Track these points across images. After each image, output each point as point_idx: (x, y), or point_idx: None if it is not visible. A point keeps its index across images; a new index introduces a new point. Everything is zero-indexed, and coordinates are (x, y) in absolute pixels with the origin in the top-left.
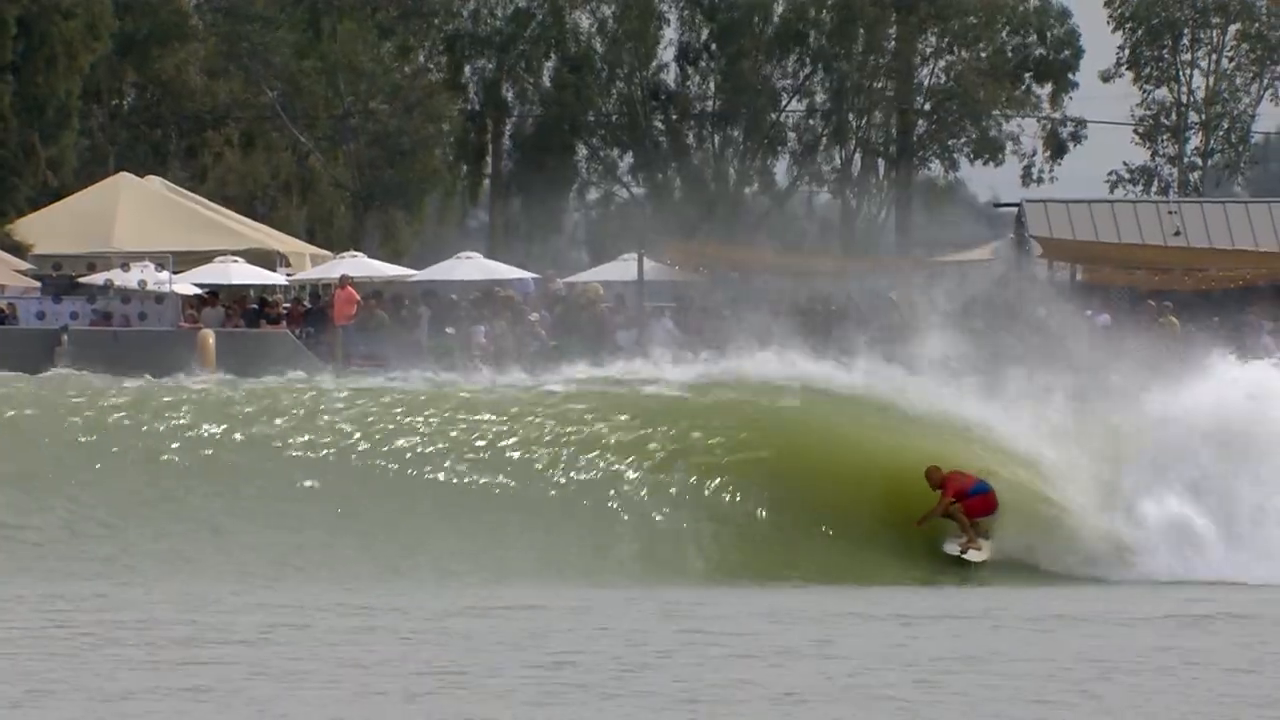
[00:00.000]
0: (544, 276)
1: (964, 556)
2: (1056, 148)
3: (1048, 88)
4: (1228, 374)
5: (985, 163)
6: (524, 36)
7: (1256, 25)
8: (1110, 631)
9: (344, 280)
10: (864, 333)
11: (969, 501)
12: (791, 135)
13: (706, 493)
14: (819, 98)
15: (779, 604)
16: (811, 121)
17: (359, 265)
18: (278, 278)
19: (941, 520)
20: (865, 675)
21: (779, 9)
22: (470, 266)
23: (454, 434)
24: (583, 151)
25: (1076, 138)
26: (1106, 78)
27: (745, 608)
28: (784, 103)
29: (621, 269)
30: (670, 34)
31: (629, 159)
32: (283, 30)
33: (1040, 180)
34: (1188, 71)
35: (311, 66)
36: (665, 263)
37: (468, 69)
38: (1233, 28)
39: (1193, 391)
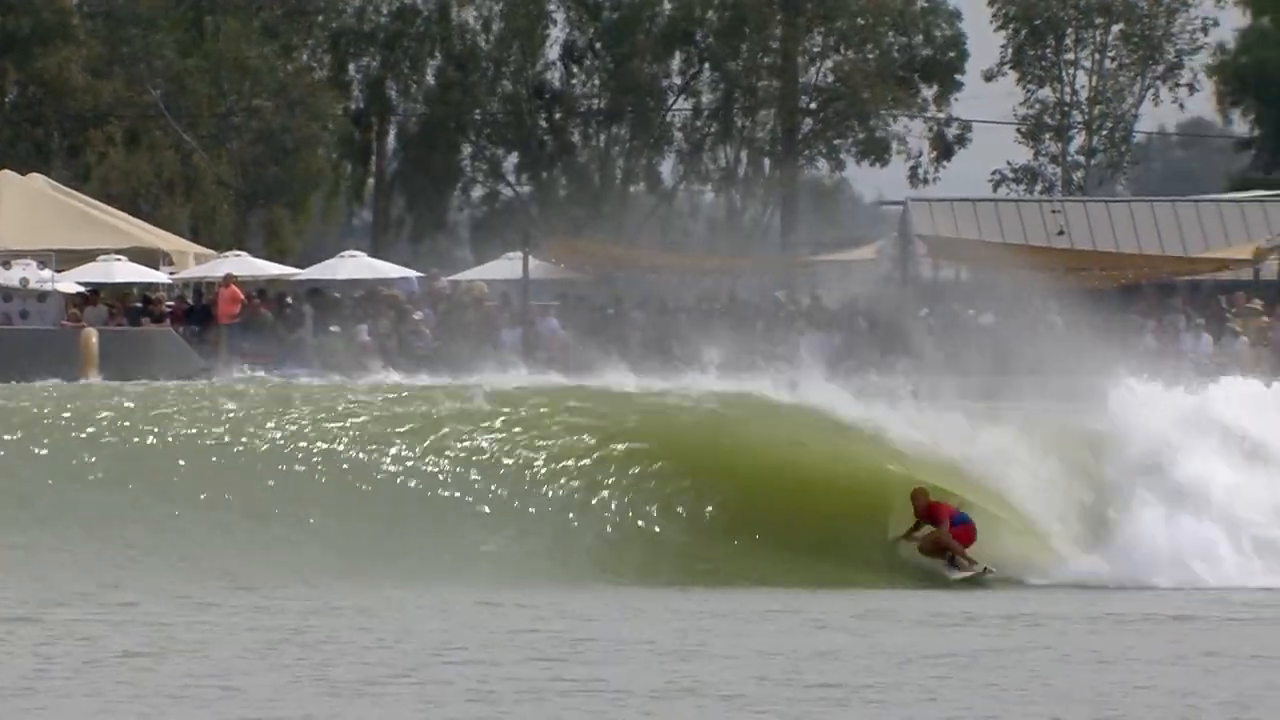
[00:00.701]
0: (428, 275)
1: (970, 576)
2: (943, 148)
3: (933, 88)
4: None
5: (872, 163)
6: (409, 34)
7: (1138, 25)
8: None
9: (228, 279)
10: (750, 331)
11: (952, 531)
12: (678, 134)
13: (636, 498)
14: (706, 97)
15: (686, 605)
16: (699, 121)
17: (243, 264)
18: (161, 276)
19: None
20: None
21: (667, 8)
22: (354, 265)
23: (380, 437)
24: (468, 150)
25: (962, 139)
26: (989, 77)
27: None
28: (670, 101)
29: (506, 267)
30: (557, 32)
31: (514, 157)
32: (165, 29)
33: (927, 180)
34: (1071, 71)
35: (195, 65)
36: (550, 261)
37: (352, 67)
38: (1115, 27)
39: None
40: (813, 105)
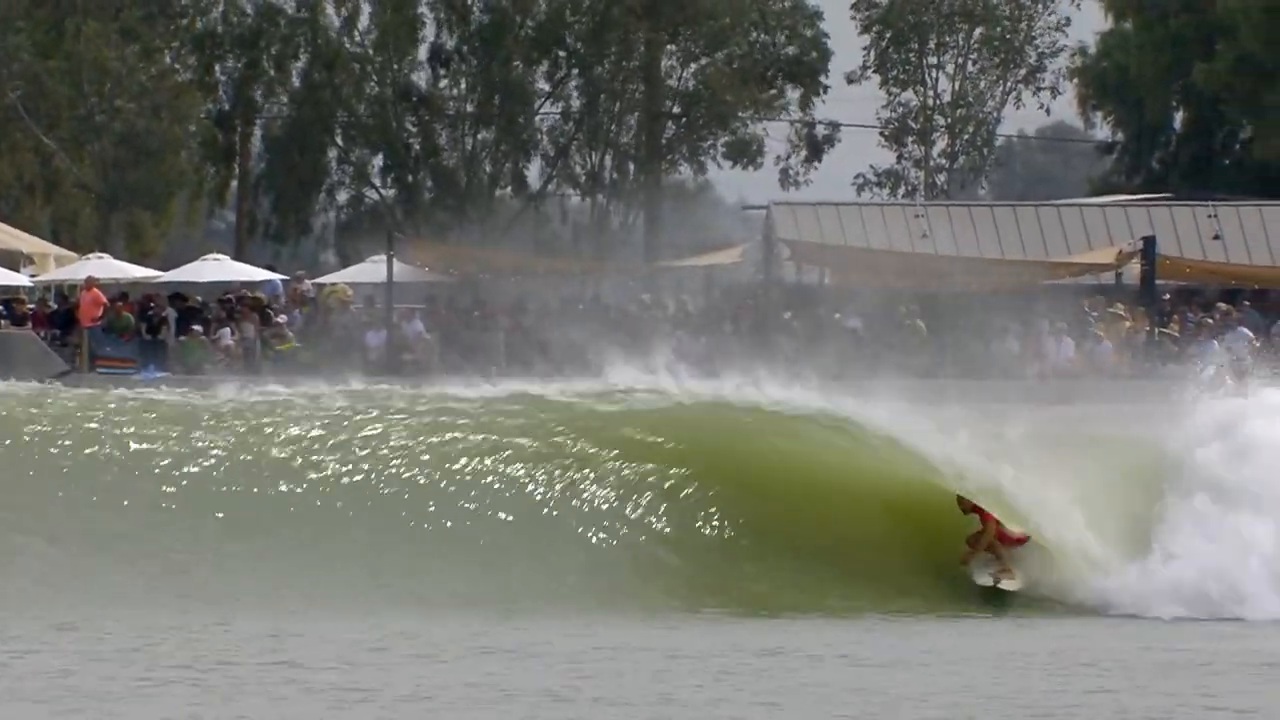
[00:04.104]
0: (293, 278)
1: (999, 587)
2: (812, 149)
3: (798, 91)
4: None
5: (742, 166)
6: (275, 35)
7: (999, 29)
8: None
9: (89, 282)
10: (614, 335)
11: (999, 532)
12: (544, 138)
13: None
14: (574, 102)
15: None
16: (568, 125)
17: (105, 267)
18: (22, 279)
19: (951, 548)
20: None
21: (541, 10)
22: (218, 268)
23: (367, 448)
24: (333, 152)
25: (831, 140)
26: (852, 80)
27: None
28: (537, 106)
29: (371, 270)
30: (425, 35)
31: (380, 160)
32: (24, 30)
33: (797, 183)
34: (934, 74)
35: (55, 66)
36: (415, 264)
37: (217, 68)
38: (977, 31)
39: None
40: (676, 109)
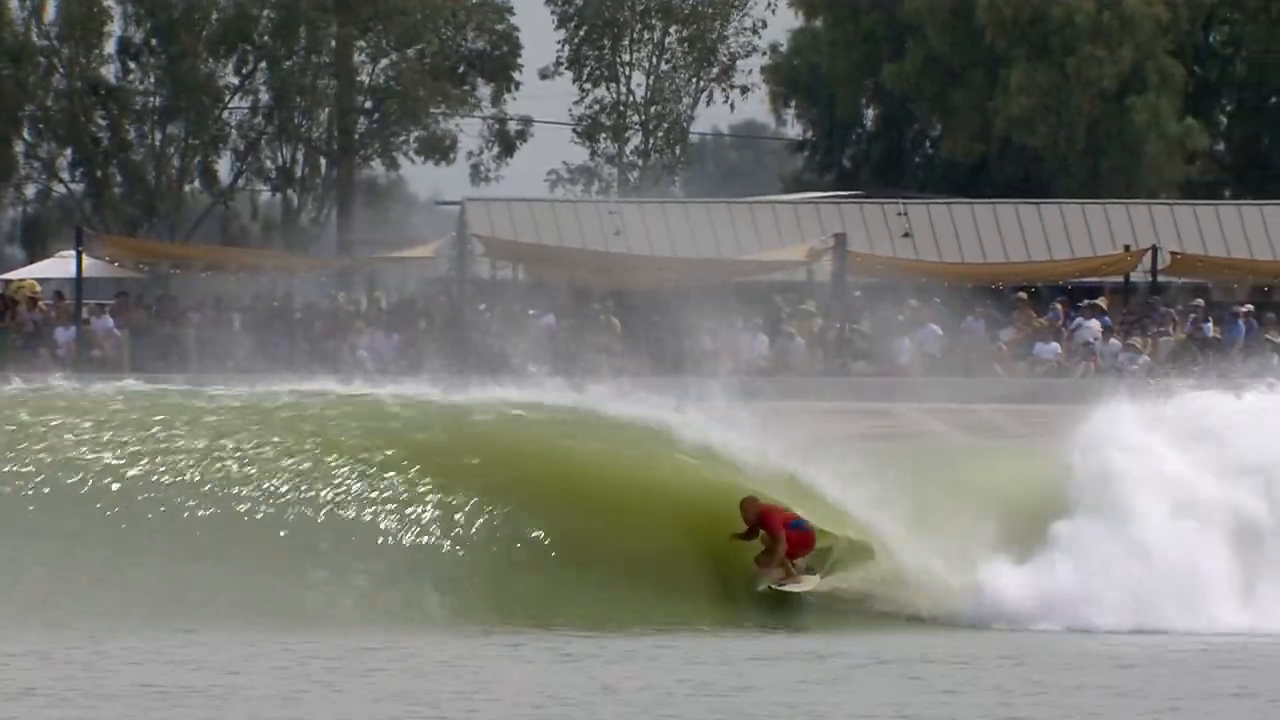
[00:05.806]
0: None
1: (783, 589)
2: (505, 145)
3: (490, 86)
4: None
5: (435, 162)
6: None
7: (694, 27)
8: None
9: None
10: (310, 331)
11: (788, 536)
12: (234, 133)
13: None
14: (263, 96)
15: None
16: (257, 119)
17: None
18: None
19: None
20: None
21: (226, 5)
22: None
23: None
24: (20, 146)
25: (523, 135)
26: (545, 75)
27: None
28: (227, 100)
29: (59, 265)
30: (113, 28)
31: (68, 154)
32: None
33: (489, 179)
34: (628, 71)
35: None
36: (104, 259)
37: None
38: (673, 30)
39: None
40: (368, 104)
